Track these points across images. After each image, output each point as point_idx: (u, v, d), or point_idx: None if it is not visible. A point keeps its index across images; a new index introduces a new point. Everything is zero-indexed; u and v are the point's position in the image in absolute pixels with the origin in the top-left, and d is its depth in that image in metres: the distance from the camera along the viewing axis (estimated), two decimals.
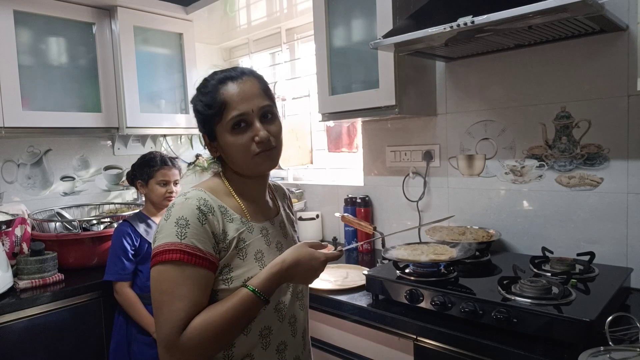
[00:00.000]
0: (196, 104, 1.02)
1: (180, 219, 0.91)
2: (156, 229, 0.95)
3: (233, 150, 0.99)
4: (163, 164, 1.95)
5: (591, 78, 1.55)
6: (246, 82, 0.99)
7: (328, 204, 2.45)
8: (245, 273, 0.95)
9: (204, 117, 1.01)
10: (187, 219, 0.91)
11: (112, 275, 1.86)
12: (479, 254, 1.63)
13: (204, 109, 0.99)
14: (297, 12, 2.57)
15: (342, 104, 1.89)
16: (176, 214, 0.91)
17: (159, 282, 0.89)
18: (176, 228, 0.90)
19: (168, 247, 0.88)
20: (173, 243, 0.89)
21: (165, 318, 0.87)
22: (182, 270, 0.88)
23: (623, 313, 1.16)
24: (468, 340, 1.21)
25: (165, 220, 0.92)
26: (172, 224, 0.90)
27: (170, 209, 0.93)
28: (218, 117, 0.98)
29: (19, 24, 2.07)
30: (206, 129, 1.02)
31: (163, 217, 0.93)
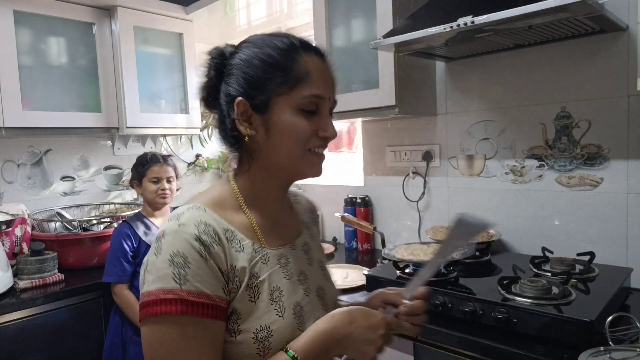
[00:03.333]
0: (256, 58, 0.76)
1: (175, 255, 0.66)
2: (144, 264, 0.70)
3: (288, 133, 0.75)
4: (154, 161, 1.95)
5: (591, 78, 1.55)
6: (329, 67, 0.81)
7: (328, 204, 2.45)
8: (257, 321, 0.72)
9: (264, 77, 0.75)
10: (184, 255, 0.66)
11: (111, 277, 1.86)
12: (479, 254, 1.63)
13: (270, 69, 0.75)
14: (297, 12, 2.57)
15: (342, 104, 1.87)
16: (169, 249, 0.67)
17: (152, 345, 0.66)
18: (171, 269, 0.65)
19: (163, 296, 0.64)
20: (170, 290, 0.65)
21: None
22: (184, 327, 0.65)
23: (623, 313, 1.16)
24: (468, 340, 1.21)
25: (155, 256, 0.68)
26: (165, 262, 0.66)
27: (160, 240, 0.69)
28: (289, 86, 0.74)
29: (19, 24, 2.07)
30: (256, 92, 0.75)
31: (152, 251, 0.69)
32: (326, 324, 0.72)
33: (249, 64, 0.76)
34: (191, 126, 2.65)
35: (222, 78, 0.79)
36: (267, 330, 0.71)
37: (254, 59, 0.76)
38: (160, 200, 1.95)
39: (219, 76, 0.79)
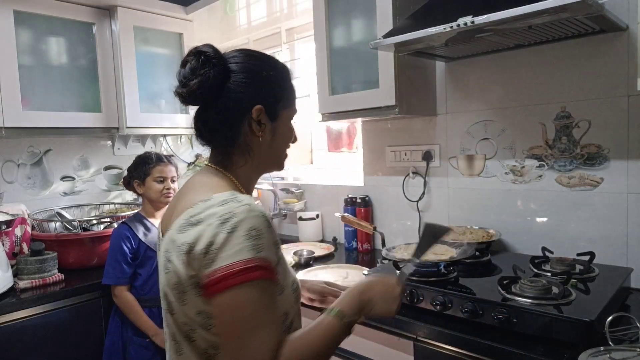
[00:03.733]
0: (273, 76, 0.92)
1: (251, 229, 0.76)
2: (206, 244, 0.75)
3: (284, 138, 0.95)
4: (159, 161, 1.96)
5: (591, 78, 1.55)
6: None
7: (328, 204, 2.45)
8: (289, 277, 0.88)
9: (279, 93, 0.93)
10: (259, 229, 0.76)
11: (110, 279, 1.86)
12: (479, 254, 1.63)
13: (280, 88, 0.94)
14: (297, 12, 2.57)
15: (342, 104, 1.89)
16: (245, 225, 0.76)
17: (237, 308, 0.74)
18: (249, 242, 0.75)
19: (244, 265, 0.73)
20: (249, 260, 0.74)
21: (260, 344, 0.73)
22: (264, 289, 0.76)
23: (623, 313, 1.16)
24: (468, 340, 1.21)
25: (228, 233, 0.75)
26: (241, 237, 0.75)
27: (229, 220, 0.76)
28: (291, 102, 0.96)
29: (19, 24, 2.07)
30: (273, 103, 0.91)
31: (223, 230, 0.75)
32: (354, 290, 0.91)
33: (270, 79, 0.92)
34: (191, 126, 2.63)
35: (224, 80, 0.87)
36: (296, 283, 0.90)
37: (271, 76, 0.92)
38: (165, 199, 1.95)
39: (220, 77, 0.87)
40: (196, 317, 0.80)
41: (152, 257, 1.90)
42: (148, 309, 1.88)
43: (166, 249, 0.82)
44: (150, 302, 1.89)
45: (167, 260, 0.82)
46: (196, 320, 0.80)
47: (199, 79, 0.86)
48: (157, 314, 1.89)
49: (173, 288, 0.81)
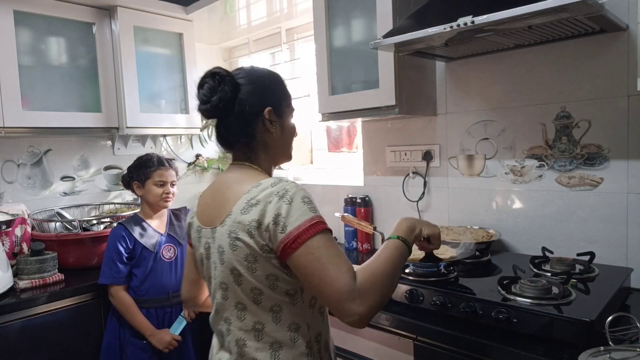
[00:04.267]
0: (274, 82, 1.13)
1: (304, 197, 0.96)
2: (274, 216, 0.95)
3: (290, 131, 1.15)
4: (160, 165, 1.95)
5: (591, 78, 1.55)
6: None
7: (328, 204, 2.45)
8: None
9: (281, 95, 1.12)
10: (308, 197, 0.97)
11: (106, 278, 1.86)
12: (479, 254, 1.63)
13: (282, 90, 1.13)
14: (297, 12, 2.57)
15: (342, 104, 1.89)
16: (297, 195, 0.96)
17: (314, 252, 0.92)
18: (306, 206, 0.95)
19: (309, 223, 0.93)
20: (312, 217, 0.94)
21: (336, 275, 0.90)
22: (327, 236, 0.95)
23: (623, 313, 1.16)
24: (468, 340, 1.21)
25: (288, 204, 0.95)
26: (300, 204, 0.95)
27: (284, 196, 0.96)
28: (290, 101, 1.15)
29: (19, 24, 2.07)
30: (279, 105, 1.11)
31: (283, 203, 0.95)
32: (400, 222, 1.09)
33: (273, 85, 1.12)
34: (191, 126, 2.65)
35: (237, 92, 1.06)
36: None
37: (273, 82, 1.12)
38: (164, 203, 1.95)
39: (234, 90, 1.06)
40: (265, 281, 0.98)
41: (147, 257, 1.90)
42: (145, 310, 1.88)
43: (232, 230, 0.99)
44: (148, 303, 1.89)
45: (234, 239, 0.98)
46: (264, 283, 0.98)
47: (218, 95, 1.04)
48: (154, 315, 1.90)
49: (243, 260, 0.98)
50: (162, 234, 1.97)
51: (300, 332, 1.01)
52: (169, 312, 1.93)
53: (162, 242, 1.95)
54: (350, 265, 0.93)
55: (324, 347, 1.07)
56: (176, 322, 1.91)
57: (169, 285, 1.93)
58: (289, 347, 1.00)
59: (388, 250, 1.00)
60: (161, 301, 1.91)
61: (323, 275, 0.91)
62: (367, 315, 0.89)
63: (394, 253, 1.00)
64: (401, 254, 1.01)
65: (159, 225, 1.99)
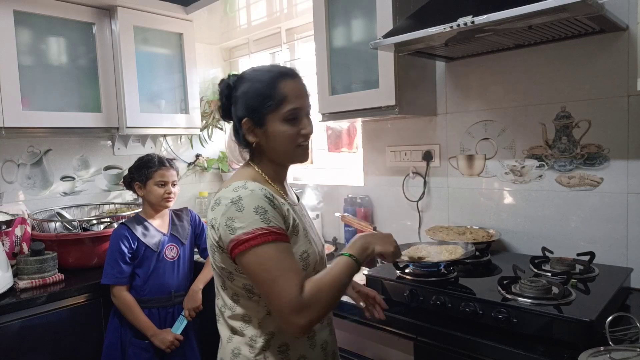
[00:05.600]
0: (251, 91, 1.09)
1: (258, 207, 1.00)
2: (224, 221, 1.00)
3: (281, 138, 1.09)
4: (161, 165, 1.95)
5: (591, 78, 1.55)
6: (301, 81, 1.14)
7: (328, 204, 2.45)
8: (300, 247, 1.08)
9: (258, 104, 1.08)
10: (263, 207, 1.00)
11: (109, 279, 1.86)
12: (479, 254, 1.63)
13: (260, 97, 1.08)
14: (297, 12, 2.57)
15: (342, 104, 1.89)
16: (250, 205, 1.00)
17: (262, 263, 0.97)
18: (258, 216, 0.99)
19: (260, 232, 0.98)
20: (262, 228, 0.98)
21: (283, 287, 0.96)
22: (279, 247, 0.99)
23: (623, 313, 1.16)
24: (468, 340, 1.21)
25: (239, 212, 0.99)
26: (251, 213, 0.99)
27: (238, 202, 1.00)
28: (274, 107, 1.07)
29: (19, 24, 2.07)
30: (256, 114, 1.08)
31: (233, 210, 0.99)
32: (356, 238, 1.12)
33: (247, 95, 1.10)
34: (191, 126, 2.65)
35: (231, 103, 1.13)
36: (307, 253, 1.09)
37: (250, 91, 1.10)
38: (165, 203, 1.95)
39: (228, 102, 1.14)
40: (223, 271, 1.07)
41: (150, 257, 1.90)
42: (147, 310, 1.88)
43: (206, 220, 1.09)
44: (150, 303, 1.89)
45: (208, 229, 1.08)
46: (223, 273, 1.08)
47: (218, 105, 1.16)
48: (156, 315, 1.90)
49: (210, 247, 1.08)
50: (165, 234, 1.97)
51: (251, 325, 1.08)
52: (170, 312, 1.93)
53: (164, 241, 1.95)
54: (299, 278, 0.97)
55: (276, 348, 1.07)
56: (177, 322, 1.91)
57: (171, 284, 1.93)
58: (240, 335, 1.09)
59: (338, 267, 1.03)
60: (163, 301, 1.91)
61: (272, 286, 0.96)
62: (307, 327, 0.97)
63: (344, 270, 1.03)
64: (350, 272, 1.05)
65: (161, 225, 1.99)
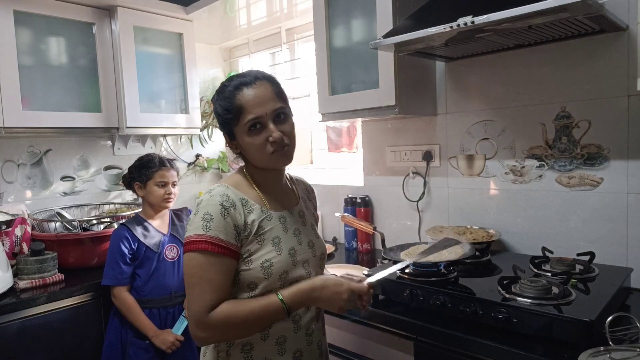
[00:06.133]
0: (216, 107, 1.13)
1: (206, 214, 1.03)
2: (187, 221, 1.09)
3: (251, 149, 1.10)
4: (161, 165, 1.95)
5: (591, 78, 1.55)
6: (260, 87, 1.08)
7: (328, 204, 2.45)
8: (263, 255, 1.07)
9: (223, 120, 1.11)
10: (211, 214, 1.03)
11: (110, 279, 1.86)
12: (479, 254, 1.63)
13: (223, 113, 1.10)
14: (297, 12, 2.57)
15: (342, 104, 1.89)
16: (203, 210, 1.04)
17: (189, 267, 1.03)
18: (202, 222, 1.02)
19: (195, 239, 1.02)
20: (199, 235, 1.01)
21: (196, 297, 1.01)
22: (207, 258, 1.01)
23: (623, 313, 1.16)
24: (468, 340, 1.21)
25: (194, 215, 1.05)
26: (199, 219, 1.03)
27: (198, 205, 1.05)
28: (236, 120, 1.08)
29: (19, 24, 2.07)
30: (226, 129, 1.12)
31: (193, 212, 1.06)
32: (307, 284, 1.07)
33: (216, 112, 1.14)
34: (191, 126, 2.65)
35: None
36: (270, 262, 1.07)
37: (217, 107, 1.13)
38: (165, 204, 1.95)
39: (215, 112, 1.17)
40: None
41: (151, 257, 1.90)
42: (148, 310, 1.88)
43: None
44: (150, 303, 1.89)
45: None
46: None
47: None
48: (157, 315, 1.90)
49: None
50: (165, 234, 1.97)
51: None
52: (171, 312, 1.93)
53: (165, 242, 1.95)
54: (215, 295, 1.00)
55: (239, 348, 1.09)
56: (178, 322, 1.91)
57: (172, 285, 1.93)
58: None
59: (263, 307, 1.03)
60: (164, 301, 1.91)
61: (189, 292, 1.03)
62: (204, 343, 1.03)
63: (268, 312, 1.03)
64: (274, 317, 1.05)
65: (161, 225, 1.99)
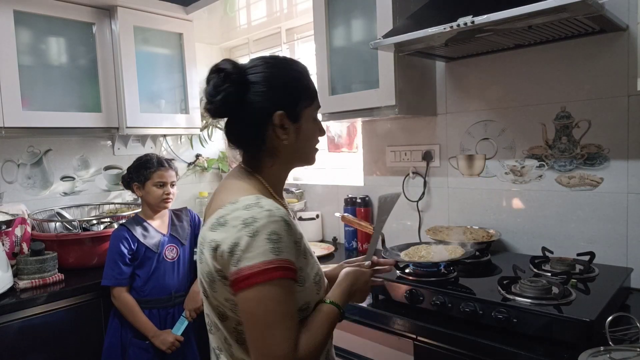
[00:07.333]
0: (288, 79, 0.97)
1: (272, 234, 0.84)
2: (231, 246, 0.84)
3: (310, 135, 1.00)
4: (160, 165, 1.94)
5: (591, 78, 1.55)
6: None
7: (328, 204, 2.45)
8: (312, 270, 0.95)
9: (298, 94, 0.96)
10: (278, 233, 0.84)
11: (109, 280, 1.86)
12: (479, 254, 1.63)
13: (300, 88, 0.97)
14: (297, 12, 2.57)
15: (342, 104, 1.89)
16: (265, 229, 0.84)
17: (260, 304, 0.83)
18: (270, 244, 0.83)
19: (264, 267, 0.82)
20: (270, 261, 0.82)
21: (280, 339, 0.82)
22: (283, 287, 0.84)
23: (623, 313, 1.16)
24: (468, 340, 1.21)
25: (250, 237, 0.83)
26: (263, 241, 0.83)
27: (251, 225, 0.84)
28: (311, 100, 0.99)
29: (19, 24, 2.07)
30: (292, 106, 0.95)
31: (244, 235, 0.83)
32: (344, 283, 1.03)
33: (285, 83, 0.96)
34: (191, 126, 2.65)
35: (245, 92, 0.93)
36: (319, 276, 0.98)
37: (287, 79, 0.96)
38: (164, 204, 1.95)
39: (241, 91, 0.93)
40: (225, 303, 0.90)
41: (151, 258, 1.90)
42: (148, 310, 1.88)
43: (200, 242, 0.91)
44: (150, 304, 1.89)
45: (201, 252, 0.91)
46: (224, 304, 0.90)
47: (221, 95, 0.92)
48: (156, 315, 1.90)
49: (205, 276, 0.90)
50: (165, 235, 1.97)
51: None
52: (171, 313, 1.93)
53: (164, 242, 1.95)
54: (296, 329, 0.85)
55: None
56: (178, 323, 1.91)
57: (172, 285, 1.93)
58: None
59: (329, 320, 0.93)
60: (163, 302, 1.91)
61: (265, 332, 0.82)
62: None
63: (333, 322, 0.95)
64: (336, 322, 0.96)
65: (161, 225, 1.99)
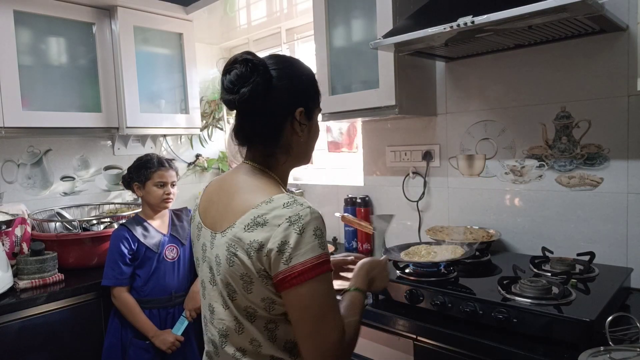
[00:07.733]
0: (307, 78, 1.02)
1: (316, 230, 0.88)
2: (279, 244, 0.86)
3: (316, 134, 1.06)
4: (160, 165, 1.95)
5: (591, 78, 1.55)
6: None
7: (328, 204, 2.45)
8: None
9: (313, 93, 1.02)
10: (321, 229, 0.89)
11: (109, 280, 1.86)
12: (479, 254, 1.63)
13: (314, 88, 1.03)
14: (297, 12, 2.57)
15: (342, 104, 1.89)
16: (311, 226, 0.87)
17: (318, 296, 0.87)
18: (318, 240, 0.87)
19: (316, 262, 0.86)
20: (319, 255, 0.87)
21: (331, 327, 0.88)
22: (329, 279, 0.90)
23: (623, 313, 1.16)
24: (468, 340, 1.21)
25: (299, 234, 0.86)
26: (310, 237, 0.87)
27: (297, 223, 0.86)
28: (319, 101, 1.05)
29: (19, 24, 2.07)
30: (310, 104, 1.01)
31: (294, 230, 0.86)
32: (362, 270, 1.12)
33: (306, 81, 1.00)
34: (191, 126, 2.65)
35: (269, 86, 0.94)
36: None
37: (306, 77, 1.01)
38: (164, 204, 1.95)
39: (267, 84, 0.93)
40: (260, 303, 0.91)
41: (151, 258, 1.90)
42: (148, 310, 1.88)
43: (230, 244, 0.91)
44: (151, 303, 1.89)
45: (232, 255, 0.90)
46: (259, 305, 0.91)
47: (250, 87, 0.91)
48: (157, 315, 1.90)
49: (239, 278, 0.90)
50: (165, 235, 1.97)
51: (297, 352, 0.96)
52: (171, 313, 1.93)
53: (164, 242, 1.95)
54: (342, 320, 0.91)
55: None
56: (178, 323, 1.91)
57: (172, 285, 1.93)
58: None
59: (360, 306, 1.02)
60: (164, 302, 1.91)
61: (320, 325, 0.87)
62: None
63: (360, 309, 1.02)
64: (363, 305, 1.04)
65: (161, 225, 1.99)
